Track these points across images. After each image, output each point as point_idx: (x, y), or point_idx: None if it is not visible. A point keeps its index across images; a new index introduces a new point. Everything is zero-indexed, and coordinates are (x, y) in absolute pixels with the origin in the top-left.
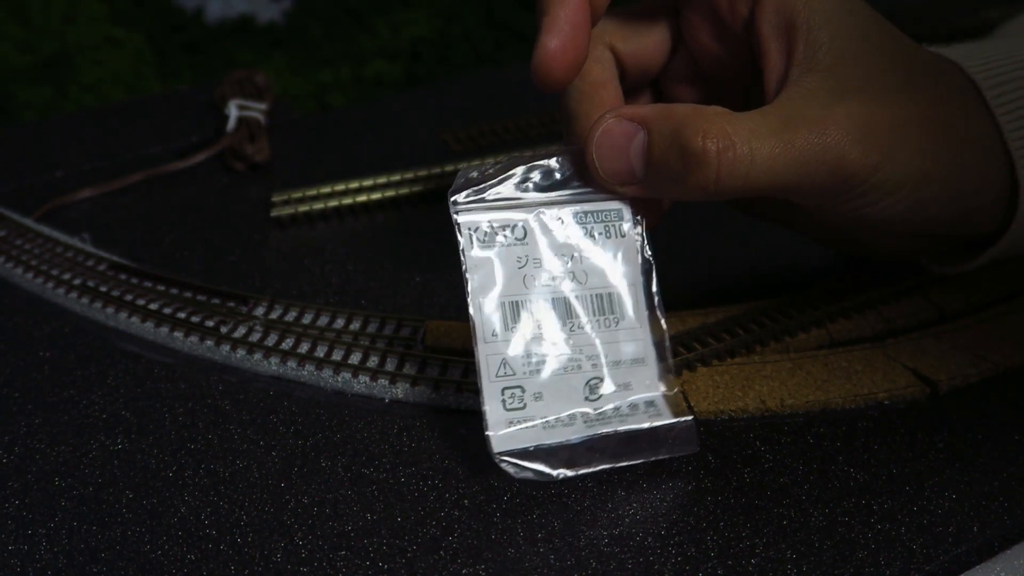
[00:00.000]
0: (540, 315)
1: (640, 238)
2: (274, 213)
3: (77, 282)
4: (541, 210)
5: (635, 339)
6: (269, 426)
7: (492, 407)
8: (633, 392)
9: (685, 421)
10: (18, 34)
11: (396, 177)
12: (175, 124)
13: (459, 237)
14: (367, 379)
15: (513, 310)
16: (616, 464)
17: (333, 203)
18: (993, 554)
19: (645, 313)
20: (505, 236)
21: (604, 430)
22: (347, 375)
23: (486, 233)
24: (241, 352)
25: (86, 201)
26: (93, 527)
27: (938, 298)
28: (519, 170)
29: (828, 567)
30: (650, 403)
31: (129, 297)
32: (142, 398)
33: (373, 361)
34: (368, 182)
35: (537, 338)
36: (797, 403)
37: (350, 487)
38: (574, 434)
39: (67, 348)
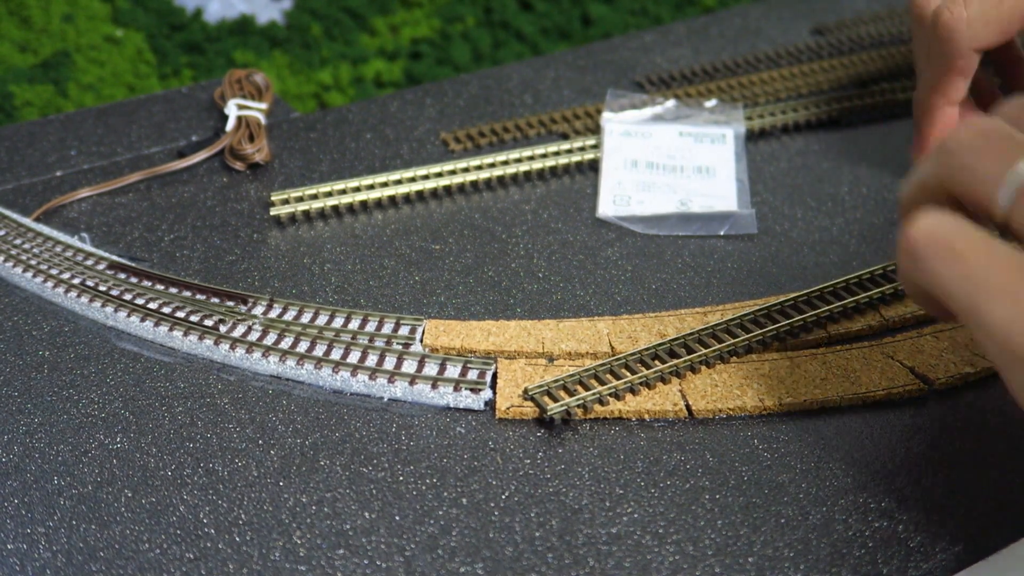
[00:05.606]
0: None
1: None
2: (273, 212)
3: (76, 281)
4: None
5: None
6: (268, 425)
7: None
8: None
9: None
10: (18, 34)
11: (395, 177)
12: (174, 124)
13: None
14: (365, 378)
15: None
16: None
17: (332, 202)
18: (990, 551)
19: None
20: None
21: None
22: (345, 374)
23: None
24: (240, 351)
25: (85, 200)
26: (92, 526)
27: None
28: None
29: (826, 565)
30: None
31: (128, 296)
32: (141, 397)
33: (371, 360)
34: (367, 182)
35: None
36: (795, 401)
37: (348, 486)
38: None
39: (66, 347)
